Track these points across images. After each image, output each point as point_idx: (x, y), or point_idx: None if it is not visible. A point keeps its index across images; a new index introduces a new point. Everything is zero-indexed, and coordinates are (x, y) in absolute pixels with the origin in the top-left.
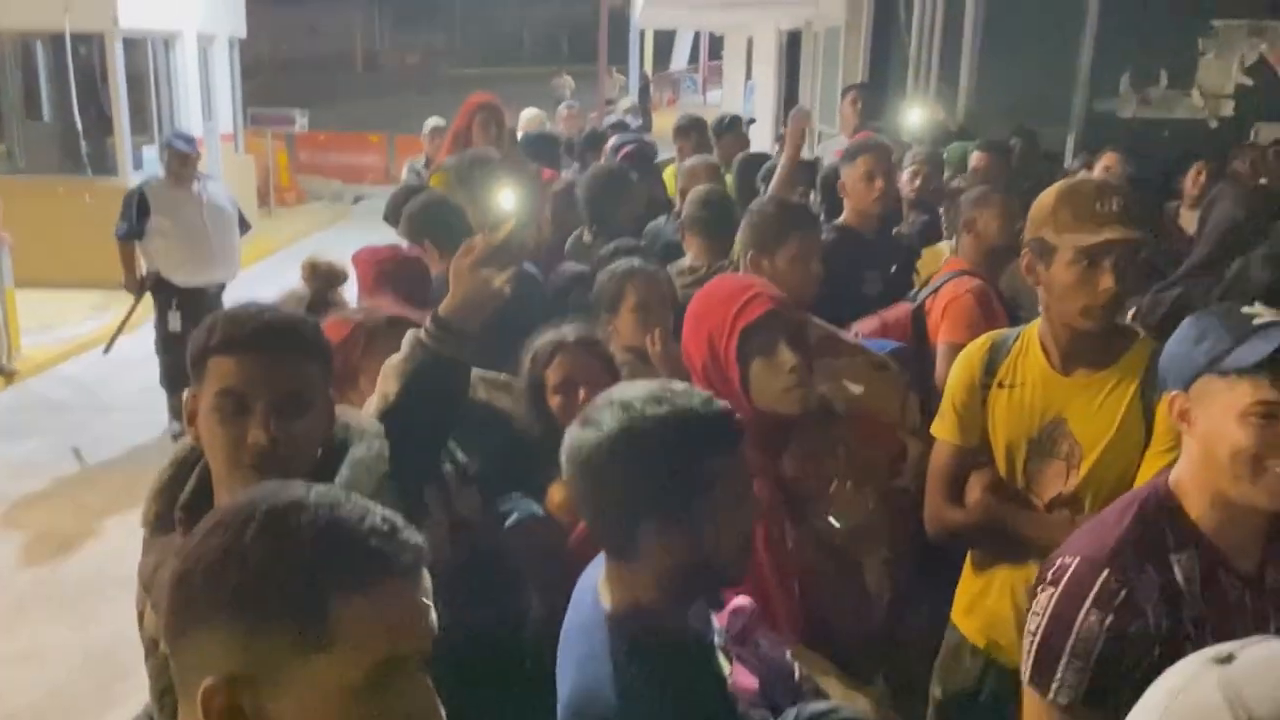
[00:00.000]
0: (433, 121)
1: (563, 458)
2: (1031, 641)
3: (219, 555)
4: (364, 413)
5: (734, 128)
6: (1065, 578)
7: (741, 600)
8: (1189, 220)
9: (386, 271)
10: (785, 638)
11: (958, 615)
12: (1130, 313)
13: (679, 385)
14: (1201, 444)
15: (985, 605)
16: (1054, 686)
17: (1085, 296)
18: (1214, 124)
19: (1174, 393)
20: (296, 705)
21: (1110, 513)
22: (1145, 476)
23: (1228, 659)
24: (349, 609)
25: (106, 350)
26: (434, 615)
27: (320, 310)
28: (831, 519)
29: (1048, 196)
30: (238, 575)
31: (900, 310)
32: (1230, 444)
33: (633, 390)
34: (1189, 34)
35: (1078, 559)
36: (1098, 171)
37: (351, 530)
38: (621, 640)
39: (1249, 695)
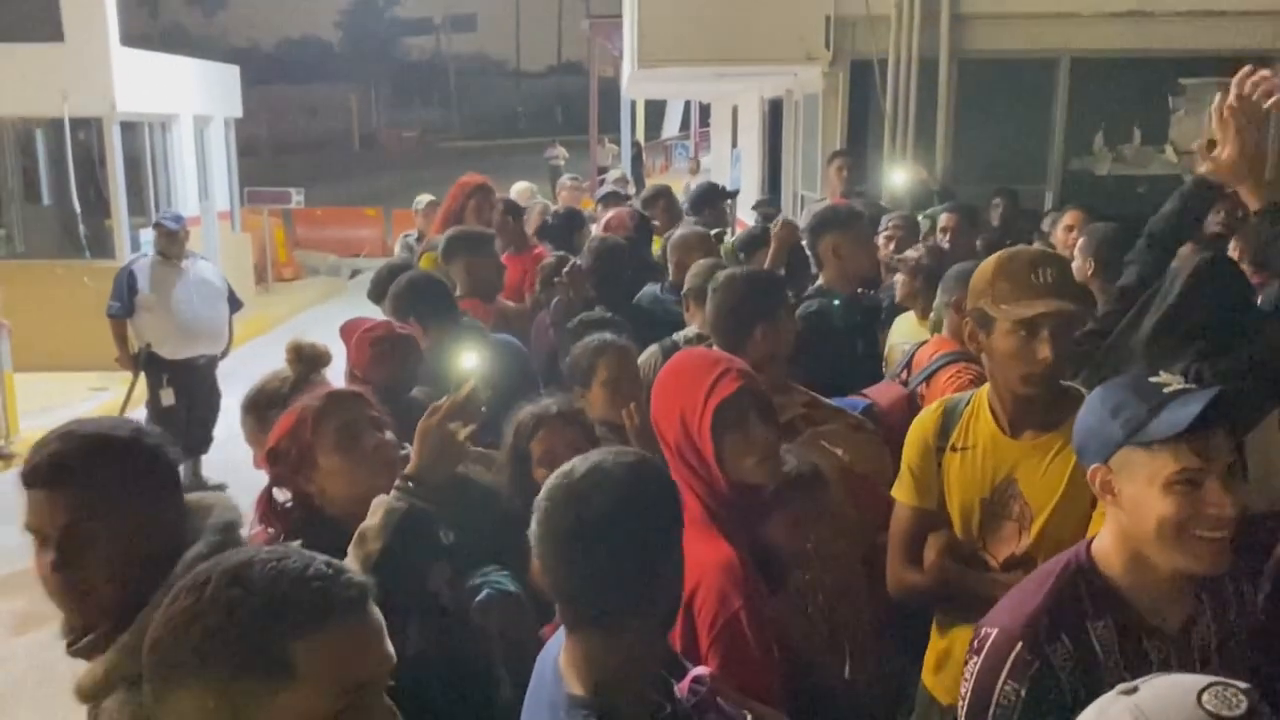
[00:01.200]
0: (424, 197)
1: (546, 537)
2: (961, 706)
3: (182, 618)
4: (221, 504)
5: (715, 202)
6: (985, 648)
7: (700, 669)
8: None
9: (383, 350)
10: (758, 704)
11: (926, 675)
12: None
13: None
14: (1128, 514)
15: (949, 665)
16: None
17: (1024, 365)
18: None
19: (1094, 466)
20: None
21: (1031, 581)
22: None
23: (1132, 690)
24: (305, 647)
25: None
26: (389, 643)
27: (304, 391)
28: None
29: (986, 267)
30: (201, 633)
31: (895, 393)
32: (1156, 514)
33: (603, 460)
34: (1159, 93)
35: (996, 630)
36: (1059, 230)
37: (297, 577)
38: (585, 718)
39: (1154, 714)
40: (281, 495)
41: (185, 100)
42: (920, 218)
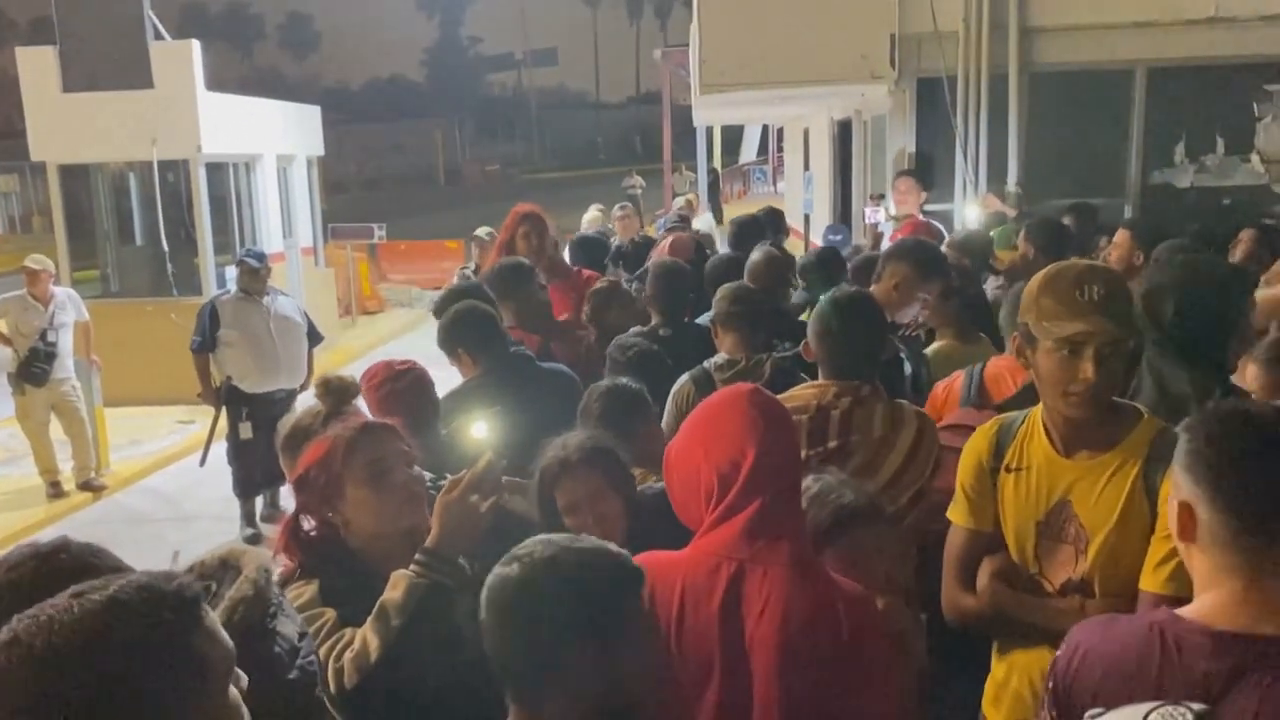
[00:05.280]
0: (482, 229)
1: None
2: None
3: (99, 658)
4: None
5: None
6: None
7: None
8: None
9: (387, 392)
10: None
11: (986, 705)
12: None
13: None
14: None
15: (1008, 693)
16: None
17: (1066, 384)
18: (1278, 188)
19: None
20: None
21: None
22: (1152, 561)
23: (1100, 713)
24: (203, 640)
25: (202, 462)
26: None
27: (335, 424)
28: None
29: (1033, 283)
30: (122, 661)
31: (980, 418)
32: None
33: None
34: (1243, 101)
35: None
36: (1111, 249)
37: (161, 579)
38: None
39: None
40: (307, 524)
41: (268, 141)
42: (992, 234)
